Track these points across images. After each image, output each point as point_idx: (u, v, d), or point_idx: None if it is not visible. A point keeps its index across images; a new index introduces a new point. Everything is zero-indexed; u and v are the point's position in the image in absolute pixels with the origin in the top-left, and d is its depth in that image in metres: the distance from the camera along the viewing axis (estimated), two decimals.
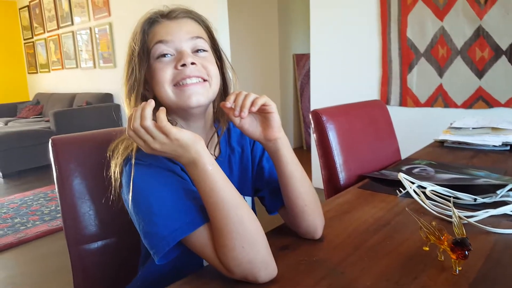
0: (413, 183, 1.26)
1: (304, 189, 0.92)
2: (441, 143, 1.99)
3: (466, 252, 0.75)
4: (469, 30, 2.78)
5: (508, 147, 1.81)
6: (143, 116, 0.72)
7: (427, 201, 1.14)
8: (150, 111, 0.72)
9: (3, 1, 8.49)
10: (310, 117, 1.62)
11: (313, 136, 1.64)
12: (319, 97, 3.80)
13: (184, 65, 0.84)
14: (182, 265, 0.89)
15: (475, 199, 1.15)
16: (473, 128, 1.93)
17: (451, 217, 0.89)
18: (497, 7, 2.64)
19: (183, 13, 0.90)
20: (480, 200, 1.15)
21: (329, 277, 0.80)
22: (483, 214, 1.05)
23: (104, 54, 6.31)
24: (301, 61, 5.91)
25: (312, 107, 3.90)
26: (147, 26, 0.88)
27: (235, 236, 0.73)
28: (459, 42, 2.84)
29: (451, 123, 2.06)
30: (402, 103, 3.23)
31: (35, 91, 8.52)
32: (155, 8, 0.91)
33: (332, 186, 1.59)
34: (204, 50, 0.90)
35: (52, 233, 3.36)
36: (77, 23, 6.78)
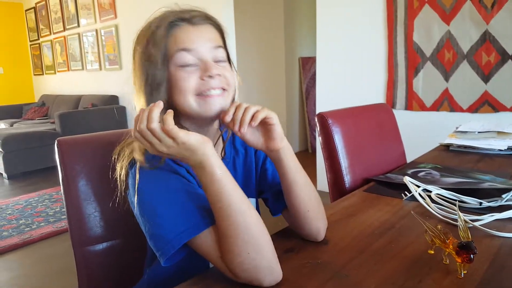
0: (419, 187, 1.26)
1: (307, 195, 0.92)
2: (447, 147, 1.98)
3: (471, 256, 0.75)
4: (476, 34, 2.78)
5: None
6: (150, 118, 0.71)
7: (433, 205, 1.14)
8: (158, 114, 0.72)
9: (10, 3, 8.55)
10: (316, 120, 1.62)
11: (319, 139, 1.64)
12: (325, 100, 3.80)
13: (210, 77, 0.84)
14: (189, 267, 0.89)
15: (481, 203, 1.15)
16: (479, 132, 1.93)
17: (457, 221, 0.89)
18: (504, 11, 2.63)
19: (204, 19, 0.87)
20: (486, 204, 1.15)
21: (334, 280, 0.79)
22: (489, 218, 1.05)
23: (110, 56, 6.33)
24: (307, 64, 5.91)
25: (318, 110, 3.90)
26: (167, 29, 0.84)
27: (241, 243, 0.73)
28: (466, 46, 2.84)
29: (457, 127, 2.06)
30: (408, 107, 3.22)
31: (41, 93, 8.56)
32: (170, 8, 0.88)
33: (337, 189, 1.58)
34: (224, 60, 0.89)
35: (57, 235, 3.36)
36: (83, 25, 6.82)
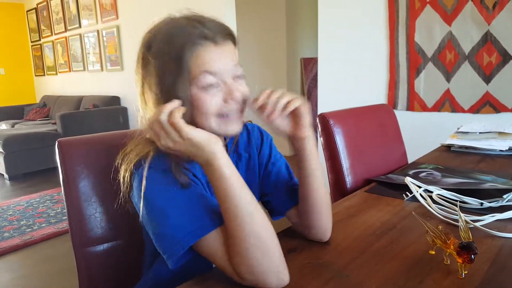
0: (420, 187, 1.26)
1: (323, 190, 0.93)
2: (448, 148, 1.98)
3: (472, 256, 0.75)
4: (477, 35, 2.77)
5: None
6: (162, 111, 0.73)
7: (434, 205, 1.14)
8: (170, 108, 0.73)
9: (11, 4, 8.55)
10: (317, 121, 1.62)
11: (320, 140, 1.64)
12: (326, 101, 3.79)
13: (232, 99, 0.83)
14: (192, 268, 0.88)
15: (482, 203, 1.15)
16: (480, 133, 1.93)
17: (458, 221, 0.89)
18: (506, 12, 2.63)
19: (225, 36, 0.83)
20: (487, 205, 1.15)
21: (335, 280, 0.80)
22: (490, 218, 1.05)
23: (112, 57, 6.33)
24: (309, 65, 5.91)
25: (319, 111, 3.89)
26: (191, 49, 0.79)
27: (248, 245, 0.73)
28: (467, 47, 2.83)
29: (458, 128, 2.06)
30: (409, 108, 3.22)
31: (42, 94, 8.57)
32: (184, 14, 0.83)
33: (339, 190, 1.59)
34: (241, 77, 0.87)
35: (58, 236, 3.37)
36: (85, 26, 6.82)
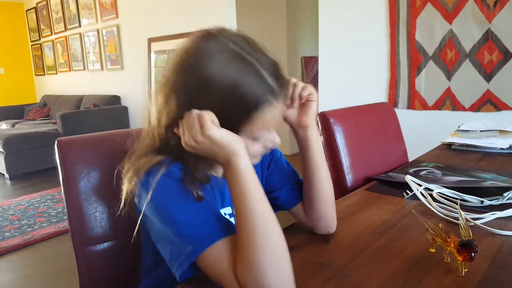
0: (420, 185, 1.26)
1: (328, 181, 0.94)
2: (449, 146, 1.98)
3: (473, 254, 0.75)
4: (478, 33, 2.77)
5: None
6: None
7: (434, 203, 1.14)
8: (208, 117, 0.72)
9: (10, 3, 8.54)
10: (318, 119, 1.62)
11: (320, 138, 1.63)
12: (327, 99, 3.79)
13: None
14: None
15: (482, 202, 1.15)
16: (481, 131, 1.93)
17: (458, 219, 0.89)
18: (507, 10, 2.62)
19: (282, 87, 0.80)
20: (487, 203, 1.15)
21: (335, 279, 0.79)
22: (490, 216, 1.05)
23: (112, 56, 6.32)
24: (310, 64, 5.90)
25: (320, 109, 3.87)
26: (256, 104, 0.75)
27: (259, 255, 0.69)
28: (468, 45, 2.83)
29: (459, 126, 2.05)
30: (410, 106, 3.21)
31: (42, 93, 8.57)
32: (255, 70, 0.75)
33: (339, 188, 1.58)
34: None
35: (59, 235, 3.37)
36: (85, 25, 6.81)
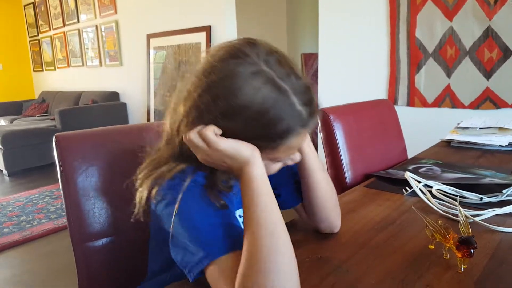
0: (419, 182, 1.26)
1: (326, 184, 0.94)
2: (448, 143, 1.98)
3: (472, 251, 0.75)
4: (478, 31, 2.76)
5: None
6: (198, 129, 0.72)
7: (433, 200, 1.14)
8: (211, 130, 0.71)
9: None
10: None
11: (320, 135, 1.63)
12: (327, 96, 3.78)
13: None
14: None
15: (481, 198, 1.15)
16: (480, 128, 1.93)
17: (457, 216, 0.88)
18: (507, 8, 2.62)
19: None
20: (486, 199, 1.15)
21: (334, 275, 0.79)
22: (489, 213, 1.05)
23: (110, 52, 6.30)
24: (309, 61, 5.89)
25: (320, 106, 3.88)
26: (287, 133, 0.74)
27: (265, 274, 0.65)
28: (468, 43, 2.82)
29: (458, 123, 2.05)
30: (410, 103, 3.21)
31: (41, 89, 8.54)
32: (291, 102, 0.75)
33: (339, 185, 1.58)
34: None
35: (58, 231, 3.36)
36: (83, 21, 6.78)
